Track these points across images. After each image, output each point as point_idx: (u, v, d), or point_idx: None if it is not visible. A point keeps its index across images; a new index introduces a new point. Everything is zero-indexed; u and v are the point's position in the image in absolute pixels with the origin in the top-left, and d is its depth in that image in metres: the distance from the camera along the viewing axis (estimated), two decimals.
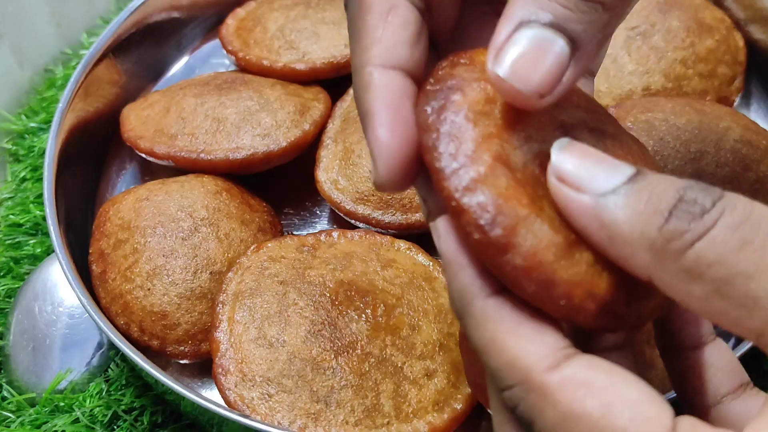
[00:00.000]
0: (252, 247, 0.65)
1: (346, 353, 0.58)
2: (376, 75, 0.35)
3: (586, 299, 0.32)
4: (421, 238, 0.68)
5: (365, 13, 0.37)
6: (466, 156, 0.33)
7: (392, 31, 0.36)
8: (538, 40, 0.33)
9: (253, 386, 0.57)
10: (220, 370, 0.58)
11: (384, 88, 0.35)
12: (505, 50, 0.33)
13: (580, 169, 0.32)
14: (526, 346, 0.31)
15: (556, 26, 0.33)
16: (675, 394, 0.40)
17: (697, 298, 0.29)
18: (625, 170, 0.31)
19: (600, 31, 0.34)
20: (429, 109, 0.34)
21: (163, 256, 0.65)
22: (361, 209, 0.69)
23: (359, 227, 0.69)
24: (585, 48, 0.34)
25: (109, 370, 0.67)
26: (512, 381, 0.31)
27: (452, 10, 0.41)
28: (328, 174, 0.71)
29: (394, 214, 0.68)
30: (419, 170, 0.35)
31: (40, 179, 0.80)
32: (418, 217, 0.68)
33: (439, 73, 0.36)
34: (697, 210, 0.29)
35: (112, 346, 0.67)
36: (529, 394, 0.31)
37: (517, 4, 0.33)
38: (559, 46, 0.33)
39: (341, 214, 0.70)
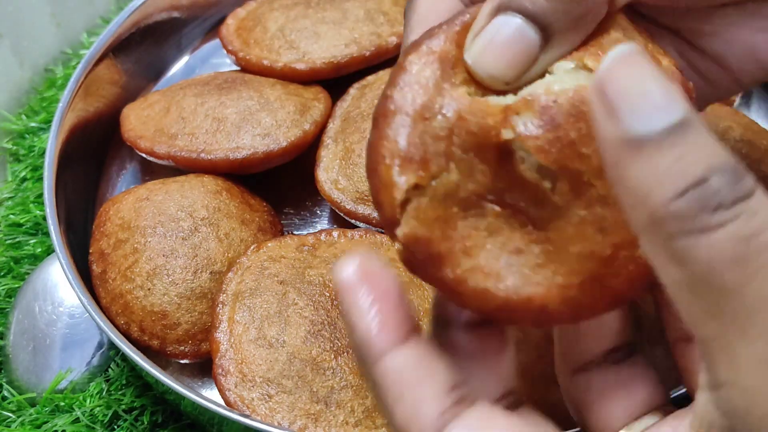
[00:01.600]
0: (252, 247, 0.65)
1: (346, 353, 0.58)
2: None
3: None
4: None
5: (414, 9, 0.39)
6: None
7: (436, 15, 0.38)
8: (508, 29, 0.34)
9: (253, 387, 0.57)
10: (220, 370, 0.58)
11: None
12: (479, 36, 0.34)
13: (625, 97, 0.28)
14: (409, 410, 0.33)
15: (529, 15, 0.34)
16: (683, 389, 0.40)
17: (670, 278, 0.28)
18: (671, 115, 0.27)
19: (575, 21, 0.34)
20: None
21: (163, 255, 0.65)
22: (362, 209, 0.69)
23: (359, 227, 0.69)
24: (559, 38, 0.34)
25: (110, 369, 0.67)
26: None
27: None
28: (328, 174, 0.71)
29: None
30: None
31: (40, 179, 0.80)
32: None
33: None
34: (712, 202, 0.27)
35: (112, 345, 0.67)
36: None
37: None
38: (528, 35, 0.34)
39: (341, 214, 0.70)
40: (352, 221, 0.70)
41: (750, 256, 0.26)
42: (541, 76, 0.34)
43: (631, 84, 0.28)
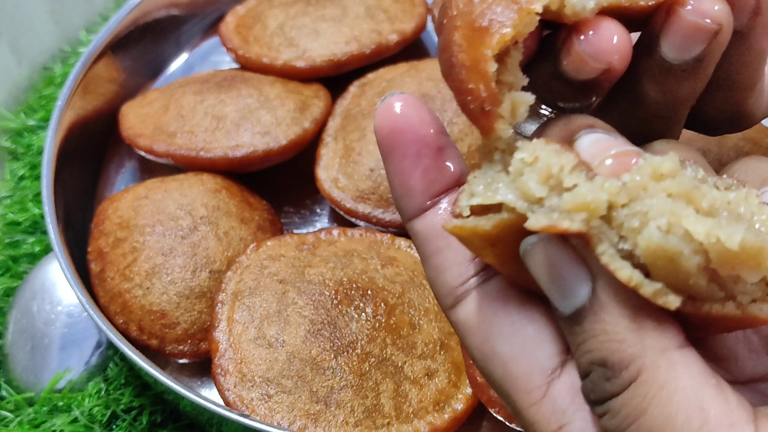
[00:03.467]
0: (251, 246, 0.64)
1: (346, 353, 0.58)
2: None
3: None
4: None
5: None
6: None
7: None
8: None
9: (252, 387, 0.57)
10: (219, 370, 0.58)
11: None
12: None
13: (545, 278, 0.30)
14: (437, 275, 0.33)
15: None
16: None
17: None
18: (572, 302, 0.29)
19: None
20: None
21: (162, 254, 0.64)
22: (362, 207, 0.68)
23: (360, 225, 0.69)
24: None
25: (108, 369, 0.67)
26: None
27: None
28: (328, 172, 0.70)
29: (394, 212, 0.68)
30: None
31: (38, 177, 0.80)
32: None
33: None
34: (591, 398, 0.28)
35: (110, 345, 0.67)
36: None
37: None
38: None
39: (341, 213, 0.70)
40: (352, 220, 0.69)
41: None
42: None
43: (548, 271, 0.29)
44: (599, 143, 0.30)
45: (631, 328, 0.28)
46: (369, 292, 0.61)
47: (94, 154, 0.79)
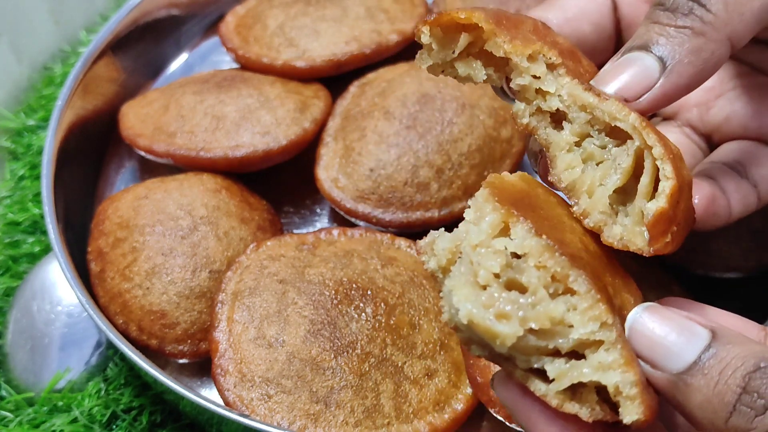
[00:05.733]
0: (251, 246, 0.64)
1: (345, 353, 0.58)
2: None
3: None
4: (422, 235, 0.68)
5: None
6: None
7: None
8: (629, 57, 0.41)
9: (252, 387, 0.57)
10: (219, 370, 0.58)
11: None
12: (604, 69, 0.42)
13: (655, 346, 0.32)
14: None
15: (646, 48, 0.40)
16: None
17: None
18: (699, 341, 0.31)
19: (691, 54, 0.40)
20: None
21: (162, 254, 0.64)
22: (362, 207, 0.68)
23: (359, 225, 0.69)
24: (674, 67, 0.40)
25: (108, 369, 0.67)
26: None
27: None
28: (328, 172, 0.70)
29: (394, 213, 0.68)
30: None
31: (38, 177, 0.80)
32: (418, 215, 0.68)
33: None
34: (759, 405, 0.29)
35: (110, 345, 0.67)
36: None
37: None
38: (646, 60, 0.40)
39: (341, 213, 0.70)
40: (352, 220, 0.69)
41: None
42: None
43: (659, 330, 0.33)
44: None
45: None
46: (369, 292, 0.61)
47: (94, 154, 0.79)
